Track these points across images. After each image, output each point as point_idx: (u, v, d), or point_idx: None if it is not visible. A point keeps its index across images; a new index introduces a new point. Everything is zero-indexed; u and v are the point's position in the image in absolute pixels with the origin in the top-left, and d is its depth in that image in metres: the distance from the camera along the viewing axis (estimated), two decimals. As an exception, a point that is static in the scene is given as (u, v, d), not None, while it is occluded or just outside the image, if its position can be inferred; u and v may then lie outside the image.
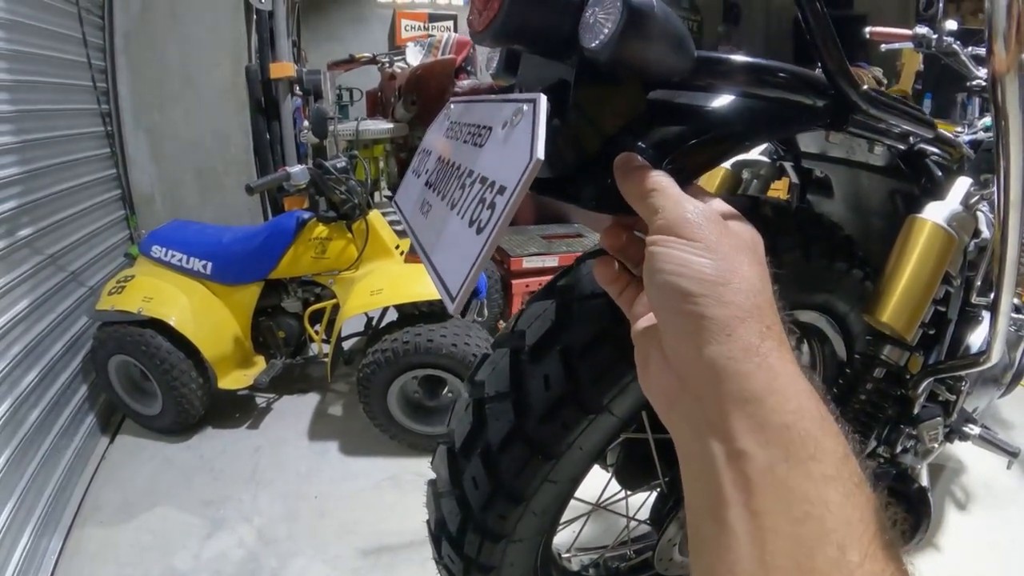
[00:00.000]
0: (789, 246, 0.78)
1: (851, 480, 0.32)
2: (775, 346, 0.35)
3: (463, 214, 0.47)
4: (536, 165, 0.39)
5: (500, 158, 0.47)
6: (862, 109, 0.61)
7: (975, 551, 1.60)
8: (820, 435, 0.33)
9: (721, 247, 0.38)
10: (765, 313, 0.37)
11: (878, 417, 1.00)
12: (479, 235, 0.42)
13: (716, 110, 0.58)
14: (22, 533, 1.61)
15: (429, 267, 0.51)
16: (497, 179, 0.44)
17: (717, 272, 0.36)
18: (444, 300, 0.43)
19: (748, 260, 0.38)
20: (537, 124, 0.43)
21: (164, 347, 2.02)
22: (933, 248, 0.81)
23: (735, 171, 1.23)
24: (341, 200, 2.05)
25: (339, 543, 1.68)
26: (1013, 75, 0.60)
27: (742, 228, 0.42)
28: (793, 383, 0.34)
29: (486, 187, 0.45)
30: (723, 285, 0.36)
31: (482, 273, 2.07)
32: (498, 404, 0.70)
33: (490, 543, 0.76)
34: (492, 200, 0.43)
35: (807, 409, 0.34)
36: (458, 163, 0.57)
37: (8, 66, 1.92)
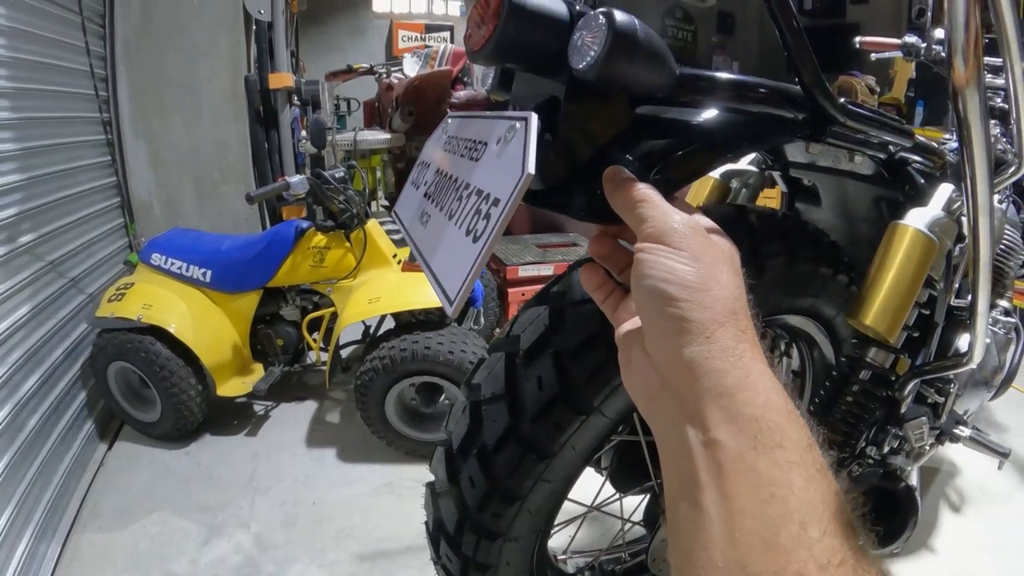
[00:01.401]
0: (775, 252, 0.81)
1: (813, 466, 0.35)
2: (748, 348, 0.39)
3: (460, 224, 0.50)
4: (527, 179, 0.42)
5: (494, 172, 0.50)
6: (839, 121, 0.64)
7: (969, 552, 1.62)
8: (787, 426, 0.36)
9: (703, 257, 0.41)
10: (740, 318, 0.40)
11: (865, 418, 1.02)
12: (475, 243, 0.45)
13: (700, 124, 0.61)
14: (20, 538, 1.61)
15: (429, 274, 0.54)
16: (492, 191, 0.47)
17: (699, 279, 0.40)
18: (443, 304, 0.46)
19: (727, 270, 0.42)
20: (528, 140, 0.46)
21: (163, 354, 2.04)
22: (914, 253, 0.84)
23: (724, 181, 1.26)
24: (339, 209, 2.08)
25: (336, 549, 1.69)
26: (973, 88, 0.63)
27: (721, 240, 0.46)
28: (763, 380, 0.38)
29: (481, 199, 0.48)
30: (704, 291, 0.39)
31: (478, 282, 2.11)
32: (493, 406, 0.73)
33: (487, 542, 0.78)
34: (487, 211, 0.46)
35: (775, 403, 0.37)
36: (455, 176, 0.60)
37: (10, 73, 1.94)
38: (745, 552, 0.32)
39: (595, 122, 0.57)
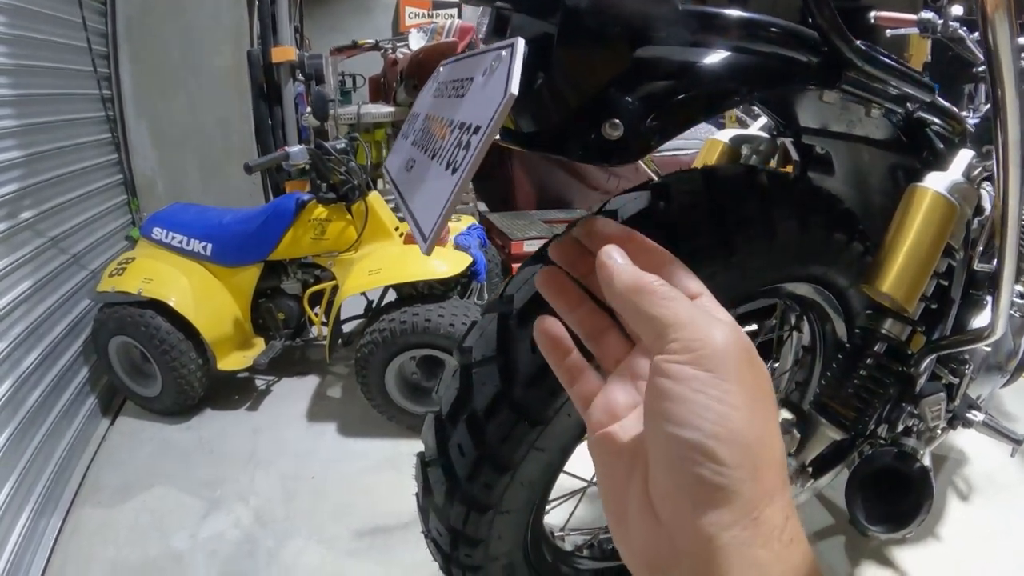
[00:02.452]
0: (786, 214, 0.77)
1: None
2: (795, 526, 0.29)
3: (441, 160, 0.46)
4: (510, 100, 0.38)
5: (478, 102, 0.46)
6: (856, 65, 0.59)
7: (977, 542, 1.58)
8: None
9: (757, 396, 0.30)
10: (787, 486, 0.30)
11: (878, 393, 0.98)
12: (454, 175, 0.41)
13: (705, 65, 0.56)
14: (21, 512, 1.61)
15: (409, 217, 0.50)
16: (474, 121, 0.43)
17: (756, 438, 0.29)
18: (419, 244, 0.42)
19: (774, 416, 0.31)
20: (513, 64, 0.42)
21: (163, 328, 2.02)
22: (934, 217, 0.79)
23: (734, 146, 1.21)
24: (340, 181, 2.05)
25: (336, 524, 1.68)
26: (1003, 14, 0.58)
27: (763, 368, 0.32)
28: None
29: (464, 131, 0.45)
30: (759, 454, 0.29)
31: (482, 256, 2.06)
32: (484, 369, 0.69)
33: (476, 514, 0.75)
34: (468, 141, 0.42)
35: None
36: (442, 117, 0.56)
37: (9, 50, 1.92)
38: None
39: (591, 63, 0.53)
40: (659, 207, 0.70)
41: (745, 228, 0.71)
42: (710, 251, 0.70)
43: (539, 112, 0.54)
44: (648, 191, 0.73)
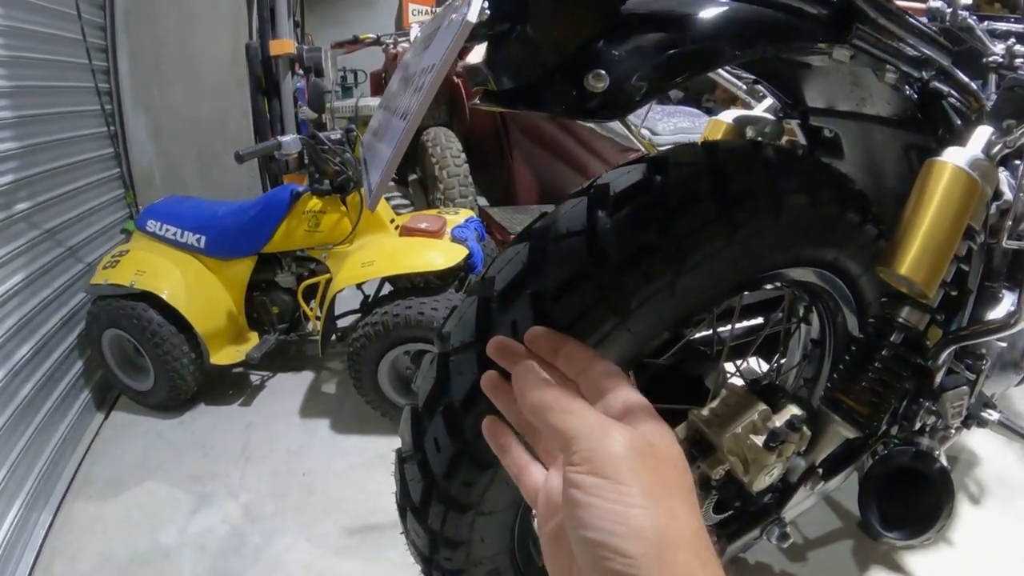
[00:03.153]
0: (794, 188, 0.70)
1: None
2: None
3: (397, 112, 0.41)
4: (466, 28, 0.33)
5: (439, 44, 0.41)
6: (869, 16, 0.53)
7: (988, 545, 1.51)
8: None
9: (656, 490, 0.33)
10: (702, 554, 0.33)
11: (894, 387, 0.91)
12: (403, 120, 0.36)
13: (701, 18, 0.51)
14: (11, 506, 1.59)
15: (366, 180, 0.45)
16: (431, 61, 0.38)
17: (657, 527, 0.32)
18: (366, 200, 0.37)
19: (682, 500, 0.34)
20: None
21: (156, 320, 1.98)
22: (955, 193, 0.72)
23: (738, 128, 1.15)
24: (335, 172, 2.00)
25: (326, 521, 1.64)
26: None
27: (670, 453, 0.37)
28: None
29: (421, 75, 0.39)
30: (664, 542, 0.32)
31: (479, 249, 2.00)
32: (462, 356, 0.64)
33: (455, 514, 0.69)
34: (422, 83, 0.37)
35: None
36: (407, 74, 0.51)
37: (6, 42, 1.90)
38: None
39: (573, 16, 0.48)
40: (655, 180, 0.64)
41: (749, 202, 0.65)
42: (711, 227, 0.63)
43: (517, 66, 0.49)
44: (644, 164, 0.67)
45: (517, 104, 0.51)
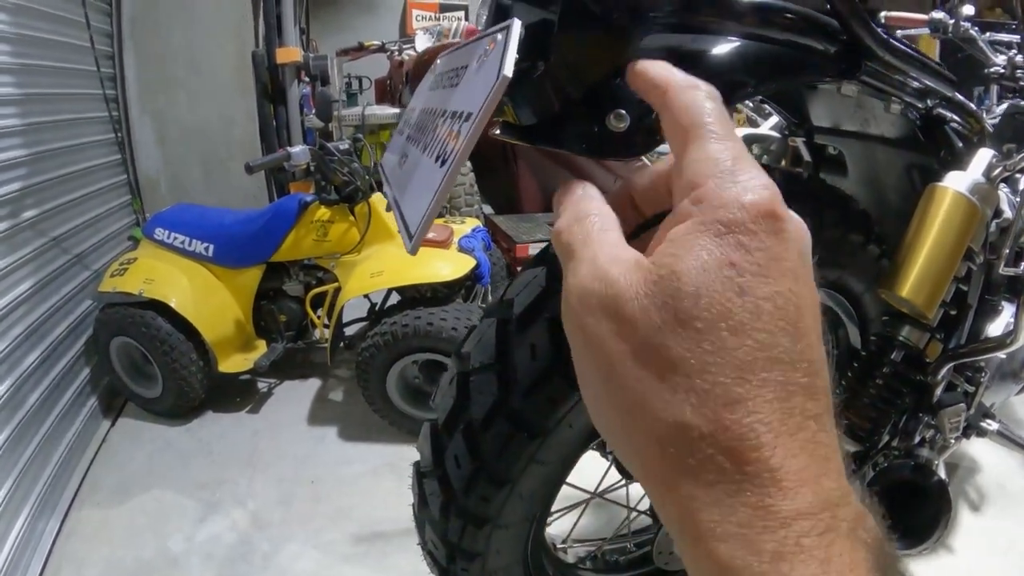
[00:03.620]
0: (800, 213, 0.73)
1: None
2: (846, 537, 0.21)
3: (432, 153, 0.43)
4: (503, 82, 0.35)
5: (471, 89, 0.43)
6: (877, 55, 0.56)
7: (989, 552, 1.53)
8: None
9: (803, 288, 0.23)
10: (839, 461, 0.23)
11: (895, 403, 0.94)
12: (443, 167, 0.38)
13: (716, 55, 0.53)
14: (19, 514, 1.60)
15: (398, 215, 0.47)
16: (466, 108, 0.40)
17: (798, 345, 0.22)
18: (404, 242, 0.39)
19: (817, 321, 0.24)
20: (508, 46, 0.38)
21: (164, 329, 2.00)
22: (956, 218, 0.75)
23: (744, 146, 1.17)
24: (343, 182, 2.02)
25: (333, 529, 1.65)
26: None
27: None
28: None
29: (455, 120, 0.41)
30: (807, 366, 0.22)
31: (486, 259, 2.03)
32: (482, 376, 0.66)
33: (473, 528, 0.72)
34: (458, 129, 0.39)
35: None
36: (435, 108, 0.53)
37: (14, 49, 1.91)
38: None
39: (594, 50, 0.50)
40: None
41: None
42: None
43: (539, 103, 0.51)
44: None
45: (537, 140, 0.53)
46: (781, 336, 0.22)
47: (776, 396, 0.21)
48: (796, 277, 0.23)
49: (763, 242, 0.22)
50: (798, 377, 0.22)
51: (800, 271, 0.23)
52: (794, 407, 0.22)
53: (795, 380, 0.22)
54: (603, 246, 0.25)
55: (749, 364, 0.21)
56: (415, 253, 0.37)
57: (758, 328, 0.22)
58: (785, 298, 0.22)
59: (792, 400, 0.22)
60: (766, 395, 0.21)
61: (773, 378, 0.22)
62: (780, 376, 0.22)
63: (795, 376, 0.22)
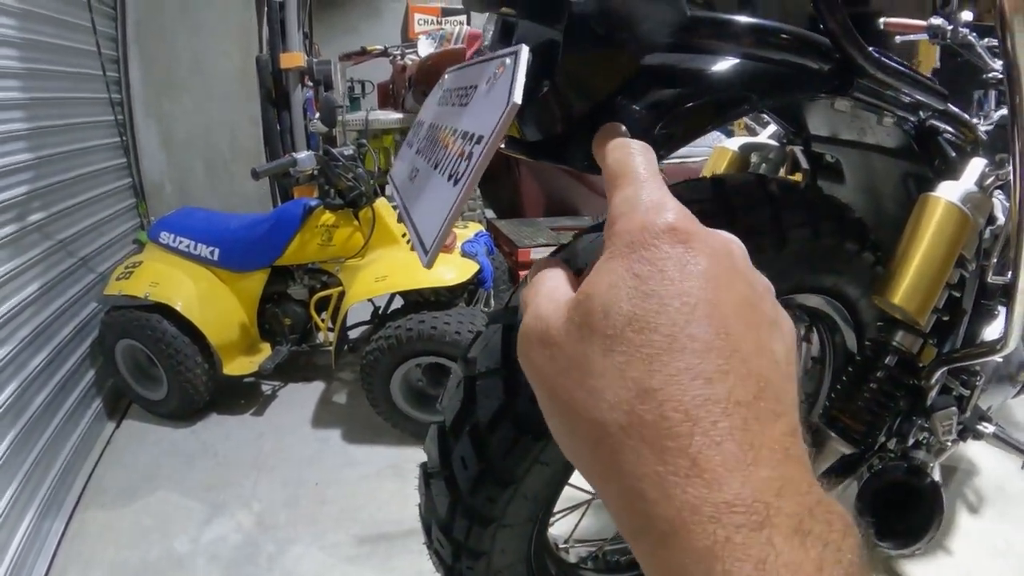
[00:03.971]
0: (797, 222, 0.75)
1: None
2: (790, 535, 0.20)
3: (444, 171, 0.46)
4: (513, 109, 0.38)
5: (481, 111, 0.45)
6: (868, 72, 0.58)
7: (986, 554, 1.55)
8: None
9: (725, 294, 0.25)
10: (791, 446, 0.23)
11: (889, 407, 0.96)
12: (455, 186, 0.40)
13: (715, 73, 0.55)
14: (25, 514, 1.62)
15: (411, 229, 0.49)
16: (477, 131, 0.42)
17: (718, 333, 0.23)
18: (420, 256, 0.41)
19: (771, 336, 0.25)
20: (517, 72, 0.41)
21: (170, 332, 2.02)
22: (947, 228, 0.77)
23: (743, 154, 1.20)
24: (348, 187, 2.05)
25: (338, 530, 1.67)
26: (1023, 21, 0.56)
27: (758, 281, 0.28)
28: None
29: (467, 140, 0.44)
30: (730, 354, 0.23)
31: (488, 264, 2.05)
32: (488, 381, 0.68)
33: (479, 527, 0.74)
34: (470, 151, 0.41)
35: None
36: (445, 125, 0.56)
37: (20, 54, 1.94)
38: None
39: (597, 69, 0.52)
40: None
41: (755, 237, 0.70)
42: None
43: (544, 120, 0.54)
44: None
45: (542, 156, 0.55)
46: (692, 327, 0.22)
47: (691, 384, 0.22)
48: (710, 278, 0.24)
49: (666, 252, 0.24)
50: (718, 364, 0.22)
51: (718, 274, 0.24)
52: (715, 395, 0.21)
53: (714, 367, 0.22)
54: (543, 293, 0.28)
55: (656, 356, 0.22)
56: (430, 267, 0.39)
57: (663, 323, 0.23)
58: (695, 296, 0.23)
59: (713, 388, 0.22)
60: (680, 383, 0.22)
61: (685, 366, 0.22)
62: (693, 364, 0.22)
63: (713, 363, 0.22)
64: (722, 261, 0.25)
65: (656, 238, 0.25)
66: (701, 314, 0.23)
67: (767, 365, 0.24)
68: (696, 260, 0.24)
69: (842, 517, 0.22)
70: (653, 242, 0.25)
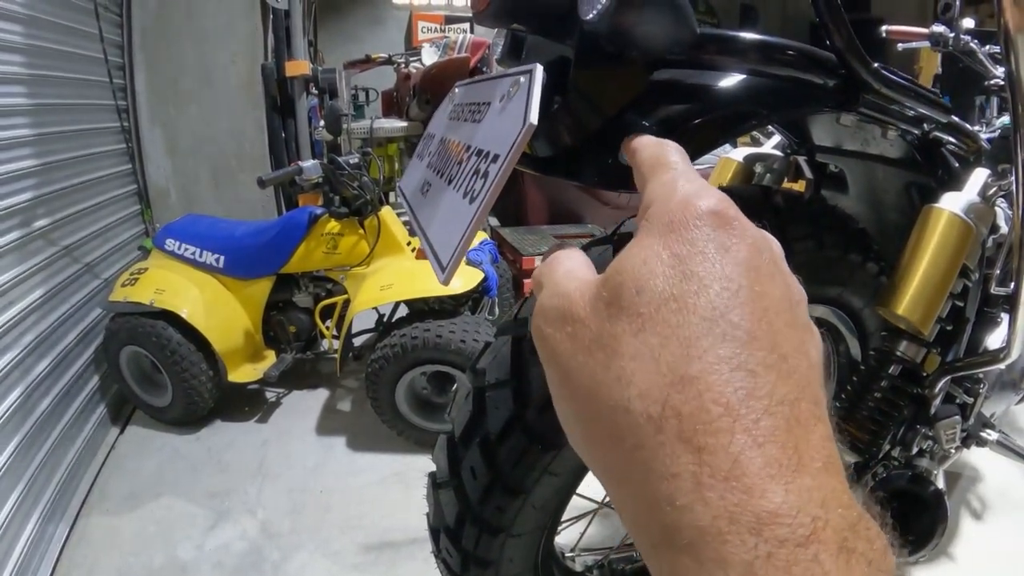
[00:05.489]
0: (802, 235, 0.76)
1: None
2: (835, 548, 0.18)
3: (459, 188, 0.46)
4: (529, 130, 0.38)
5: (496, 129, 0.46)
6: (873, 88, 0.59)
7: (990, 561, 1.55)
8: None
9: (767, 286, 0.23)
10: (830, 465, 0.20)
11: (893, 416, 0.97)
12: (472, 204, 0.41)
13: (723, 89, 0.56)
14: (28, 519, 1.62)
15: (425, 243, 0.50)
16: (492, 149, 0.43)
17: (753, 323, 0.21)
18: (436, 272, 0.42)
19: (803, 338, 0.23)
20: (532, 92, 0.42)
21: (175, 339, 2.03)
22: (950, 238, 0.78)
23: (748, 164, 1.21)
24: (353, 196, 2.05)
25: (342, 538, 1.67)
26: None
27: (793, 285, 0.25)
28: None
29: (481, 158, 0.45)
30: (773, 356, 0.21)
31: (493, 272, 2.06)
32: (498, 392, 0.69)
33: (488, 536, 0.74)
34: (486, 170, 0.42)
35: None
36: (458, 141, 0.57)
37: (27, 60, 1.95)
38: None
39: (608, 85, 0.53)
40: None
41: None
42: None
43: (555, 136, 0.54)
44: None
45: (554, 171, 0.56)
46: (734, 314, 0.21)
47: (733, 375, 0.20)
48: (752, 267, 0.22)
49: (708, 235, 0.23)
50: (761, 357, 0.20)
51: (759, 265, 0.23)
52: (758, 389, 0.19)
53: (757, 360, 0.20)
54: (562, 271, 0.26)
55: (695, 340, 0.20)
56: (447, 284, 0.40)
57: (702, 305, 0.21)
58: (737, 282, 0.21)
59: (756, 380, 0.20)
60: (721, 372, 0.20)
61: (727, 354, 0.20)
62: (736, 353, 0.20)
63: (756, 355, 0.20)
64: (764, 254, 0.23)
65: (698, 218, 0.23)
66: (744, 301, 0.21)
67: (805, 367, 0.22)
68: (739, 247, 0.22)
69: (880, 535, 0.20)
70: (695, 222, 0.23)
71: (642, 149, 0.32)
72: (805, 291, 0.25)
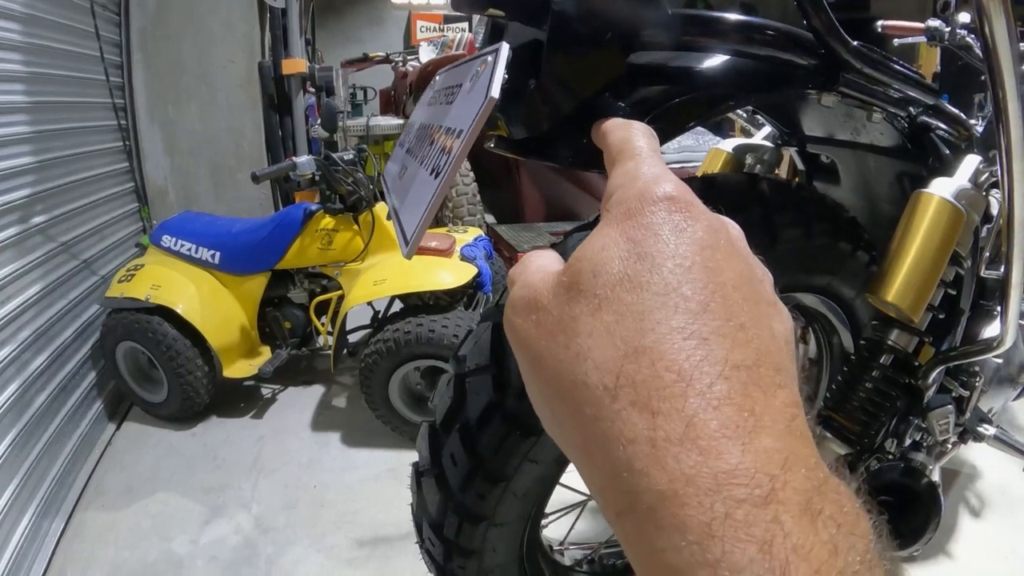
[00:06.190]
0: (789, 222, 0.75)
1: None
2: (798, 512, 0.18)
3: (428, 166, 0.46)
4: (490, 103, 0.38)
5: (464, 107, 0.46)
6: (854, 67, 0.58)
7: (989, 558, 1.54)
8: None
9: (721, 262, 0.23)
10: (793, 418, 0.20)
11: (885, 407, 0.95)
12: (436, 179, 0.41)
13: (699, 70, 0.56)
14: (23, 514, 1.62)
15: (396, 223, 0.50)
16: (457, 125, 0.43)
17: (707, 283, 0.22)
18: (401, 248, 0.42)
19: (769, 312, 0.24)
20: (496, 68, 0.41)
21: (170, 334, 2.03)
22: (940, 224, 0.77)
23: (737, 156, 1.20)
24: (348, 192, 2.05)
25: (336, 533, 1.67)
26: (1000, 16, 0.56)
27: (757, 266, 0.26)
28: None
29: (448, 135, 0.44)
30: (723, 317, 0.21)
31: (487, 267, 2.05)
32: (478, 378, 0.69)
33: (469, 525, 0.74)
34: (451, 146, 0.42)
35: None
36: (433, 124, 0.56)
37: (25, 58, 1.96)
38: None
39: (581, 67, 0.53)
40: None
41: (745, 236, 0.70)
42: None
43: (530, 118, 0.54)
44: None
45: (529, 153, 0.55)
46: (686, 287, 0.21)
47: (685, 343, 0.20)
48: (706, 246, 0.23)
49: (664, 219, 0.23)
50: (714, 326, 0.21)
51: (715, 244, 0.23)
52: (712, 355, 0.20)
53: (710, 328, 0.21)
54: (533, 268, 0.27)
55: (648, 313, 0.21)
56: (410, 258, 0.39)
57: (655, 281, 0.22)
58: (690, 259, 0.22)
59: (710, 347, 0.20)
60: (673, 341, 0.20)
61: (679, 325, 0.21)
62: (687, 323, 0.21)
63: (709, 324, 0.21)
64: (720, 235, 0.24)
65: (654, 204, 0.24)
66: (696, 276, 0.22)
67: (766, 337, 0.22)
68: (693, 228, 0.23)
69: (852, 498, 0.20)
70: (651, 208, 0.24)
71: (610, 133, 0.33)
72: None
